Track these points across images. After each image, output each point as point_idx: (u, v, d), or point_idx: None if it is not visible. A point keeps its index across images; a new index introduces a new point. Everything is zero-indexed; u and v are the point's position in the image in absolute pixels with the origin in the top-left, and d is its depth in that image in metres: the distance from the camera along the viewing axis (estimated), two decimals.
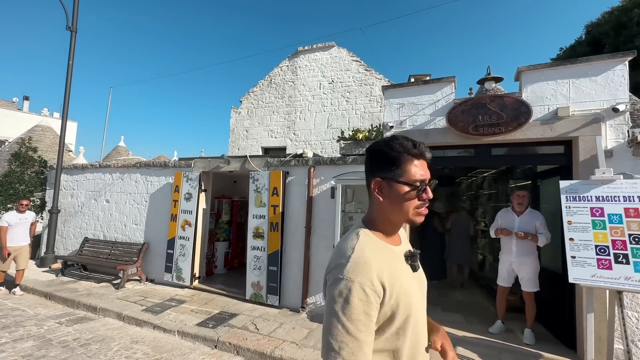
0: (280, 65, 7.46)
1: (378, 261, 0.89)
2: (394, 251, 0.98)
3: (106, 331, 4.06)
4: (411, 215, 0.94)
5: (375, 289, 0.84)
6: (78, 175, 7.48)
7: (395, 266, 0.93)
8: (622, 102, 3.16)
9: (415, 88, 4.13)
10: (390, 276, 0.89)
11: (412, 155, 0.93)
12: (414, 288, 0.95)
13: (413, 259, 1.01)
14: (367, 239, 0.95)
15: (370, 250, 0.92)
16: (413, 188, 0.91)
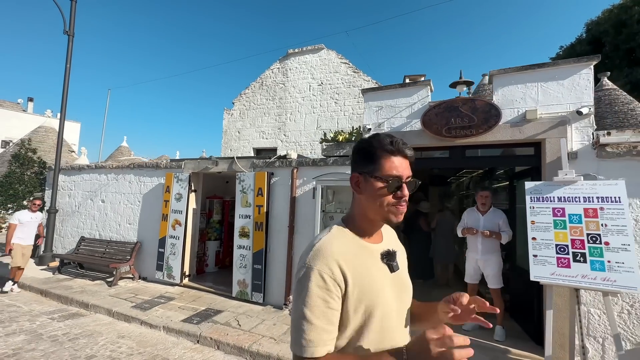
0: (272, 68, 7.60)
1: (343, 253, 0.89)
2: (368, 248, 0.96)
3: (95, 326, 4.23)
4: (386, 212, 0.92)
5: (334, 277, 0.83)
6: (75, 176, 7.68)
7: (366, 262, 0.92)
8: (587, 105, 3.25)
9: (392, 91, 4.23)
10: (356, 270, 0.87)
11: (387, 152, 0.91)
12: (386, 288, 0.92)
13: (389, 258, 0.97)
14: (338, 233, 0.96)
15: (337, 241, 0.92)
16: (386, 184, 0.90)
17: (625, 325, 3.01)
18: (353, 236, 0.96)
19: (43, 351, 3.47)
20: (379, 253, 0.97)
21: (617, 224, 2.75)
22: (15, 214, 5.86)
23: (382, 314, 0.89)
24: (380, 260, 0.96)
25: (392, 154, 0.91)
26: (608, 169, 3.16)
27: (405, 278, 1.03)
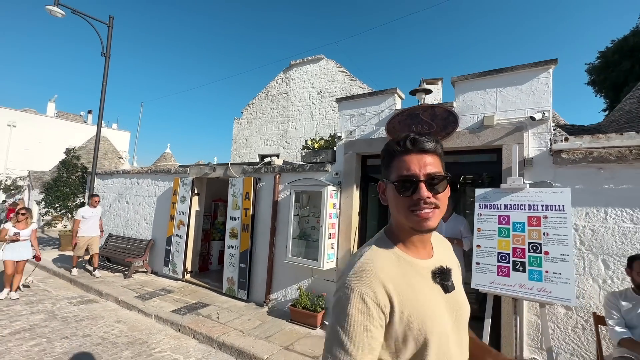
0: (276, 78, 8.03)
1: (388, 272, 0.79)
2: (415, 265, 0.84)
3: (101, 311, 4.86)
4: (406, 218, 0.81)
5: (378, 301, 0.74)
6: (107, 180, 8.71)
7: (413, 282, 0.80)
8: (544, 110, 3.15)
9: (363, 100, 4.37)
10: (403, 291, 0.77)
11: (398, 152, 0.83)
12: (440, 312, 0.80)
13: (443, 277, 0.85)
14: (381, 248, 0.86)
15: (381, 259, 0.82)
16: (396, 186, 0.80)
17: (579, 340, 2.86)
18: (398, 251, 0.85)
19: (52, 328, 4.10)
20: (430, 271, 0.85)
21: (559, 233, 2.66)
22: (79, 211, 6.61)
23: (439, 342, 0.77)
24: (431, 280, 0.84)
25: (403, 153, 0.82)
26: (565, 176, 3.03)
27: (461, 299, 0.89)
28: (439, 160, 0.83)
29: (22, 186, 20.52)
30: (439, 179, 0.80)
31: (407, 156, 0.81)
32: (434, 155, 0.82)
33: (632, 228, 2.73)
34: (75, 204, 9.41)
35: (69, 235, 9.36)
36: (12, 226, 5.26)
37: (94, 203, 6.65)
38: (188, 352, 3.66)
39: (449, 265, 0.89)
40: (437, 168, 0.81)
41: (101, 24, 9.18)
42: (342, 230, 4.34)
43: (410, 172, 0.79)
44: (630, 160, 2.74)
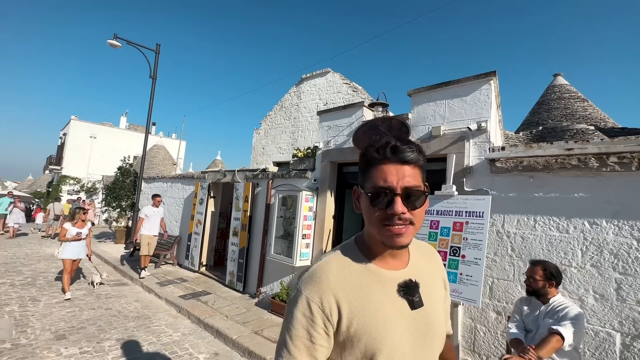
0: (290, 92, 8.69)
1: (342, 280, 0.75)
2: (379, 276, 0.78)
3: (127, 292, 5.87)
4: (377, 232, 0.74)
5: (323, 308, 0.72)
6: (150, 184, 10.16)
7: (371, 293, 0.75)
8: (484, 120, 3.26)
9: (338, 112, 4.76)
10: (355, 302, 0.73)
11: (375, 160, 0.74)
12: (398, 329, 0.74)
13: (407, 291, 0.78)
14: (345, 253, 0.82)
15: (339, 265, 0.78)
16: (370, 197, 0.73)
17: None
18: (362, 259, 0.80)
19: (86, 301, 5.15)
20: (397, 283, 0.78)
21: (476, 238, 2.81)
22: (143, 209, 6.80)
23: None
24: (396, 293, 0.77)
25: (381, 162, 0.73)
26: (500, 184, 3.11)
27: (434, 318, 0.80)
28: (419, 172, 0.75)
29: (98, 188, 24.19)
30: (416, 194, 0.72)
31: (385, 165, 0.72)
32: (414, 167, 0.73)
33: (558, 236, 2.75)
34: (127, 203, 11.08)
35: (123, 230, 11.05)
36: (72, 226, 5.37)
37: (157, 203, 6.81)
38: (178, 328, 4.37)
39: (424, 278, 0.82)
40: (416, 181, 0.72)
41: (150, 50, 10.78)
42: (317, 232, 4.75)
43: (386, 184, 0.71)
44: (555, 169, 2.77)
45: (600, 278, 2.53)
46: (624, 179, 2.49)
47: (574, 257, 2.66)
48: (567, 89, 12.80)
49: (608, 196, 2.55)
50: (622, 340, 2.40)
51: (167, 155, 24.22)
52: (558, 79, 13.27)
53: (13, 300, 4.94)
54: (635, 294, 2.38)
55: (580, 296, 2.60)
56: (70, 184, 24.44)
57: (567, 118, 11.84)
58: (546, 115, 12.47)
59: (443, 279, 0.93)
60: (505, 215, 3.03)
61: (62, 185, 24.68)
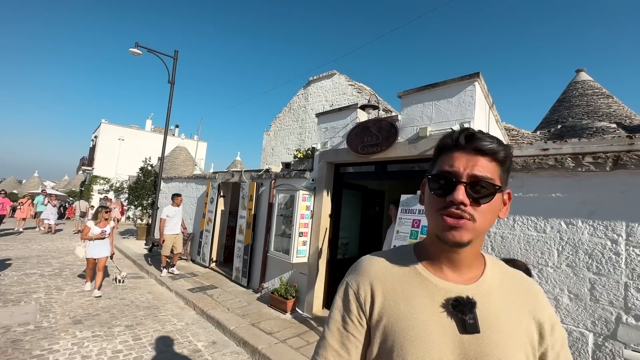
0: (297, 94, 8.91)
1: (383, 272, 0.71)
2: (429, 282, 0.68)
3: (142, 284, 6.30)
4: (432, 220, 0.67)
5: (358, 295, 0.68)
6: (169, 184, 10.71)
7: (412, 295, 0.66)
8: (468, 121, 3.30)
9: (334, 115, 4.90)
10: (391, 295, 0.67)
11: (447, 146, 0.69)
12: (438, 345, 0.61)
13: (458, 307, 0.64)
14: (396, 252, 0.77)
15: (385, 261, 0.73)
16: (430, 180, 0.67)
17: None
18: (413, 260, 0.72)
19: (104, 292, 5.58)
20: (449, 296, 0.66)
21: None
22: (164, 210, 6.77)
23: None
24: (442, 307, 0.65)
25: (453, 149, 0.67)
26: None
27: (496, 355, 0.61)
28: (497, 167, 0.65)
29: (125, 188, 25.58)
30: (486, 187, 0.63)
31: (456, 152, 0.66)
32: (491, 159, 0.65)
33: (535, 236, 2.76)
34: (148, 202, 11.73)
35: (144, 228, 11.71)
36: (95, 225, 5.36)
37: (177, 202, 6.80)
38: (183, 319, 4.68)
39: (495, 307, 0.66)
40: (490, 174, 0.64)
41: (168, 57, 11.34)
42: (314, 230, 4.92)
43: (452, 169, 0.64)
44: (533, 169, 2.79)
45: (575, 278, 2.54)
46: (599, 179, 2.49)
47: (550, 257, 2.67)
48: (590, 85, 12.24)
49: (584, 196, 2.55)
50: (594, 340, 2.40)
51: (189, 156, 25.19)
52: (581, 75, 12.71)
53: (40, 288, 5.46)
54: (607, 294, 2.38)
55: (555, 296, 2.61)
56: (101, 184, 25.96)
57: (589, 115, 11.32)
58: (566, 113, 11.97)
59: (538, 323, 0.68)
60: None
61: (94, 185, 26.29)
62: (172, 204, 6.90)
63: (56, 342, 3.56)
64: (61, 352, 3.36)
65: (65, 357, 3.27)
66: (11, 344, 3.44)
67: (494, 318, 0.65)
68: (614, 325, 2.33)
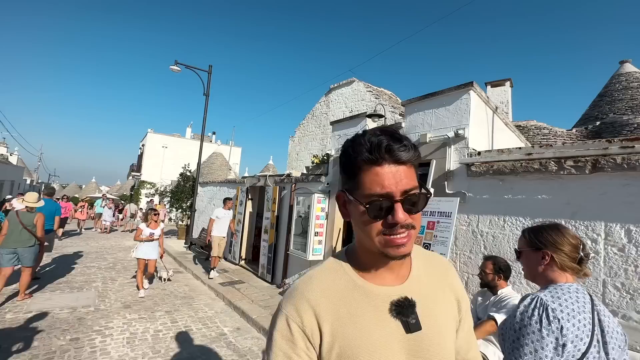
0: (320, 101, 9.33)
1: (324, 295, 0.67)
2: (369, 292, 0.67)
3: (181, 278, 7.07)
4: (377, 244, 0.63)
5: (304, 328, 0.63)
6: (205, 188, 11.66)
7: (358, 312, 0.65)
8: (464, 127, 3.50)
9: (347, 122, 5.26)
10: (339, 321, 0.64)
11: (367, 161, 0.61)
12: (390, 353, 0.63)
13: (401, 311, 0.66)
14: (331, 267, 0.73)
15: (322, 280, 0.70)
16: (365, 207, 0.61)
17: None
18: (350, 272, 0.70)
19: (151, 285, 6.39)
20: (390, 301, 0.66)
21: (444, 236, 3.12)
22: (215, 211, 7.04)
23: None
24: (388, 313, 0.66)
25: (374, 163, 0.60)
26: (476, 186, 3.33)
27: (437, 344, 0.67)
28: (414, 171, 0.65)
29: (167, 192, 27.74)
30: (417, 197, 0.62)
31: (379, 168, 0.60)
32: (409, 166, 0.63)
33: None
34: (187, 205, 12.81)
35: (183, 228, 12.80)
36: (146, 227, 5.59)
37: (229, 206, 7.04)
38: (213, 308, 5.28)
39: (427, 296, 0.71)
40: (414, 182, 0.63)
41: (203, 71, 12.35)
42: (328, 230, 5.30)
43: (384, 191, 0.60)
44: (521, 172, 2.95)
45: None
46: (580, 182, 2.62)
47: None
48: (635, 77, 11.41)
49: (567, 198, 2.69)
50: None
51: (224, 161, 26.67)
52: (625, 67, 11.88)
53: (98, 278, 6.39)
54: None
55: None
56: (147, 188, 28.33)
57: (633, 110, 10.56)
58: (607, 108, 11.26)
59: (457, 297, 0.77)
60: (480, 215, 3.26)
61: (141, 189, 28.77)
62: (223, 207, 7.11)
63: (111, 321, 4.28)
64: (115, 329, 4.07)
65: (117, 332, 3.96)
66: (77, 320, 4.22)
67: (428, 309, 0.69)
68: None
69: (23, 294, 4.78)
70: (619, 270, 2.38)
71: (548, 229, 1.26)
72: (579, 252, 1.19)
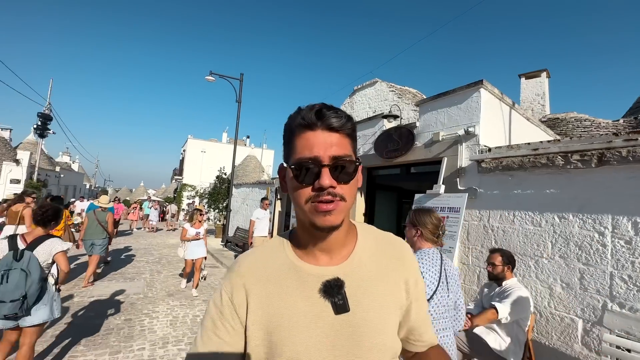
0: (344, 103, 9.53)
1: (256, 270, 0.68)
2: (300, 270, 0.68)
3: (217, 272, 7.69)
4: (303, 211, 0.63)
5: (232, 299, 0.66)
6: (239, 189, 12.39)
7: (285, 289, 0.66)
8: (475, 125, 3.57)
9: (365, 124, 5.46)
10: (264, 296, 0.65)
11: (300, 126, 0.63)
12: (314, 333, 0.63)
13: (329, 291, 0.65)
14: (272, 243, 0.75)
15: (257, 256, 0.72)
16: (294, 170, 0.62)
17: None
18: (288, 251, 0.71)
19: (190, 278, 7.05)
20: (321, 281, 0.66)
21: (453, 230, 3.25)
22: (254, 212, 7.05)
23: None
24: (317, 292, 0.65)
25: (306, 128, 0.62)
26: (487, 182, 3.39)
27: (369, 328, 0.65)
28: (348, 141, 0.64)
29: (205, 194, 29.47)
30: (347, 165, 0.61)
31: (310, 132, 0.62)
32: (343, 135, 0.63)
33: (532, 229, 2.97)
34: (223, 205, 13.67)
35: (220, 227, 13.67)
36: (191, 227, 5.72)
37: (265, 205, 7.03)
38: None
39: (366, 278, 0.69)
40: (347, 150, 0.62)
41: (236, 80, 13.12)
42: None
43: (312, 154, 0.60)
44: (529, 167, 3.00)
45: (567, 268, 2.71)
46: (587, 176, 2.63)
47: (545, 249, 2.87)
48: None
49: (574, 192, 2.71)
50: (583, 326, 2.56)
51: (258, 164, 27.77)
52: None
53: (146, 271, 7.17)
54: (595, 283, 2.53)
55: (549, 285, 2.80)
56: (188, 191, 30.28)
57: None
58: None
59: (405, 282, 0.74)
60: (491, 211, 3.33)
61: (183, 192, 30.81)
62: (260, 207, 7.12)
63: (157, 307, 4.88)
64: (160, 312, 4.65)
65: (162, 315, 4.53)
66: (130, 305, 4.87)
67: (363, 292, 0.67)
68: (600, 312, 2.48)
69: (87, 281, 5.59)
70: (626, 263, 2.39)
71: (422, 211, 1.86)
72: (439, 230, 1.81)
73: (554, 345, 2.73)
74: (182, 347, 3.63)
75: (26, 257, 2.39)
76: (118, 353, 3.39)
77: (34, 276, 2.37)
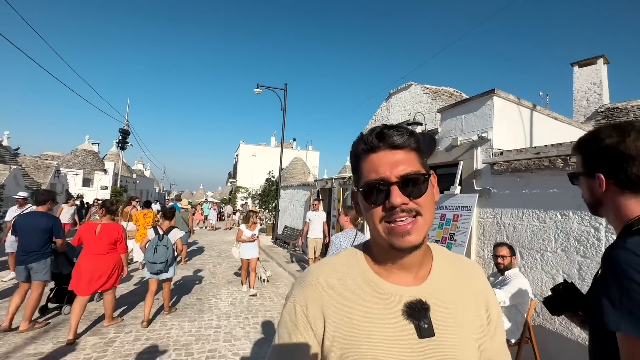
0: (381, 106, 9.90)
1: (333, 286, 0.66)
2: (381, 290, 0.65)
3: (267, 266, 8.69)
4: (382, 233, 0.62)
5: (307, 313, 0.64)
6: (286, 191, 13.44)
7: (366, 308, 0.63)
8: (488, 130, 3.89)
9: None
10: (343, 313, 0.63)
11: (363, 151, 0.64)
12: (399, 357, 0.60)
13: (415, 314, 0.63)
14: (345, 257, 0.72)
15: (333, 269, 0.69)
16: (364, 193, 0.63)
17: None
18: (363, 264, 0.69)
19: None
20: (403, 302, 0.64)
21: (465, 226, 3.65)
22: (307, 214, 7.22)
23: None
24: (400, 313, 0.63)
25: (370, 152, 0.63)
26: (500, 183, 3.70)
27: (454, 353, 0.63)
28: (415, 156, 0.64)
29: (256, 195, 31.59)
30: (416, 179, 0.61)
31: (374, 155, 0.63)
32: (408, 151, 0.63)
33: (538, 226, 3.25)
34: (272, 206, 14.87)
35: (270, 226, 14.87)
36: (246, 228, 5.78)
37: (315, 206, 7.08)
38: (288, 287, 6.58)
39: (448, 301, 0.66)
40: (414, 166, 0.62)
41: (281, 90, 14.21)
42: None
43: (378, 175, 0.61)
44: (534, 169, 3.29)
45: (568, 261, 2.98)
46: None
47: (549, 243, 3.15)
48: None
49: (573, 191, 2.96)
50: None
51: (304, 165, 29.01)
52: None
53: (210, 263, 8.43)
54: (591, 274, 2.78)
55: (553, 276, 3.09)
56: (241, 192, 32.69)
57: None
58: None
59: (486, 305, 0.70)
60: (503, 209, 3.65)
61: (237, 194, 33.35)
62: (312, 209, 7.13)
63: (219, 291, 5.93)
64: (222, 295, 5.67)
65: (224, 297, 5.54)
66: (199, 287, 5.99)
67: (447, 316, 0.65)
68: None
69: (184, 261, 7.01)
70: None
71: (350, 207, 3.28)
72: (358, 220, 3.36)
73: (556, 330, 3.02)
74: (240, 320, 4.52)
75: (165, 238, 4.32)
76: (194, 321, 4.39)
77: (170, 250, 4.31)
